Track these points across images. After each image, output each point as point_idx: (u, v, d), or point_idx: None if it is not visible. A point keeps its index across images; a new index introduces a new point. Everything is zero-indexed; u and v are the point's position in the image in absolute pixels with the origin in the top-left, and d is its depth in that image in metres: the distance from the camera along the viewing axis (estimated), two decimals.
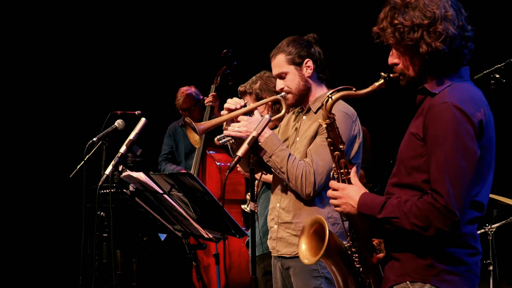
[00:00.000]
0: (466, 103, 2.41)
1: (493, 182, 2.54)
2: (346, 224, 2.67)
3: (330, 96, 2.59)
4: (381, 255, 2.65)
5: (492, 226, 4.70)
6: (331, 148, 2.64)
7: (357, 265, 2.66)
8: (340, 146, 2.63)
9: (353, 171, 2.63)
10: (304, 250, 2.72)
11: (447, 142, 2.37)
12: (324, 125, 2.62)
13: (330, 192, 2.63)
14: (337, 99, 2.59)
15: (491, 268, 4.74)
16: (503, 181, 4.69)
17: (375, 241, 2.67)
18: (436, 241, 2.42)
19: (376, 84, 2.58)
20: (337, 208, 2.61)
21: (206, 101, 5.87)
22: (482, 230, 4.68)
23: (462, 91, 2.47)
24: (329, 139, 2.64)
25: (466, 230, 2.46)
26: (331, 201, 2.62)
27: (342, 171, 2.63)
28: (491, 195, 4.33)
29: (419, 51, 2.46)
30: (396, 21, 2.46)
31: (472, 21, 2.53)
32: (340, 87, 2.61)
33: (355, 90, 2.60)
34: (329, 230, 2.62)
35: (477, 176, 2.42)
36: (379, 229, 2.57)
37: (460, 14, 2.49)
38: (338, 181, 2.63)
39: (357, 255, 2.66)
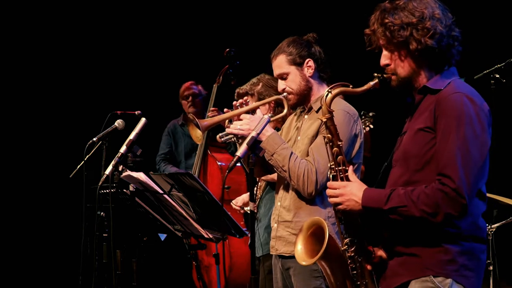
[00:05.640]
0: (475, 95, 2.50)
1: (493, 182, 2.56)
2: (342, 227, 2.66)
3: (329, 90, 2.65)
4: (376, 261, 2.66)
5: (492, 226, 4.69)
6: (330, 144, 2.66)
7: (352, 271, 2.66)
8: (339, 143, 2.65)
9: (350, 169, 2.64)
10: (300, 251, 2.72)
11: (460, 129, 2.43)
12: (324, 120, 2.64)
13: (330, 191, 2.63)
14: (336, 94, 2.65)
15: (491, 268, 4.73)
16: (503, 181, 4.68)
17: (370, 247, 2.67)
18: (443, 227, 2.44)
19: (371, 83, 2.64)
20: (340, 206, 2.61)
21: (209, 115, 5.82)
22: None
23: (466, 85, 2.55)
24: (328, 135, 2.66)
25: (482, 223, 2.52)
26: (332, 199, 2.62)
27: (340, 168, 2.64)
28: (491, 195, 4.32)
29: (409, 48, 2.53)
30: (386, 20, 2.55)
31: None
32: (337, 83, 2.67)
33: (352, 87, 2.66)
34: (329, 234, 2.61)
35: (484, 167, 2.47)
36: (389, 225, 2.57)
37: (447, 17, 2.57)
38: (336, 179, 2.64)
39: (352, 260, 2.66)
